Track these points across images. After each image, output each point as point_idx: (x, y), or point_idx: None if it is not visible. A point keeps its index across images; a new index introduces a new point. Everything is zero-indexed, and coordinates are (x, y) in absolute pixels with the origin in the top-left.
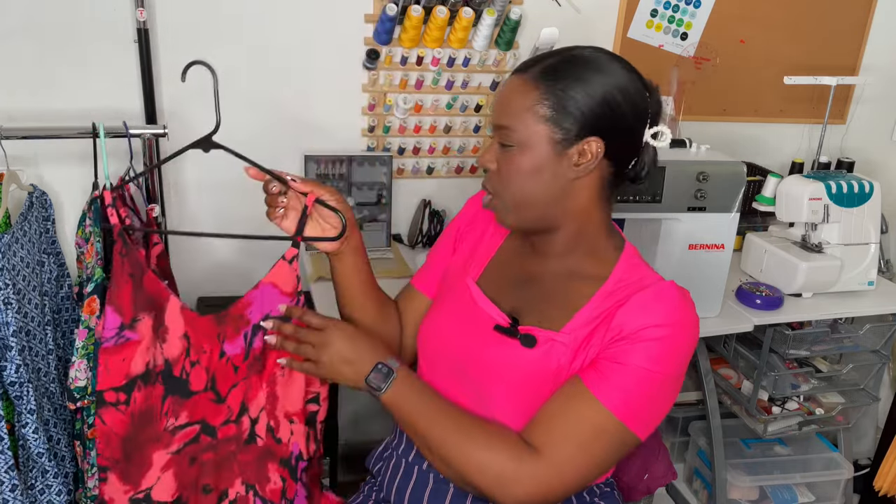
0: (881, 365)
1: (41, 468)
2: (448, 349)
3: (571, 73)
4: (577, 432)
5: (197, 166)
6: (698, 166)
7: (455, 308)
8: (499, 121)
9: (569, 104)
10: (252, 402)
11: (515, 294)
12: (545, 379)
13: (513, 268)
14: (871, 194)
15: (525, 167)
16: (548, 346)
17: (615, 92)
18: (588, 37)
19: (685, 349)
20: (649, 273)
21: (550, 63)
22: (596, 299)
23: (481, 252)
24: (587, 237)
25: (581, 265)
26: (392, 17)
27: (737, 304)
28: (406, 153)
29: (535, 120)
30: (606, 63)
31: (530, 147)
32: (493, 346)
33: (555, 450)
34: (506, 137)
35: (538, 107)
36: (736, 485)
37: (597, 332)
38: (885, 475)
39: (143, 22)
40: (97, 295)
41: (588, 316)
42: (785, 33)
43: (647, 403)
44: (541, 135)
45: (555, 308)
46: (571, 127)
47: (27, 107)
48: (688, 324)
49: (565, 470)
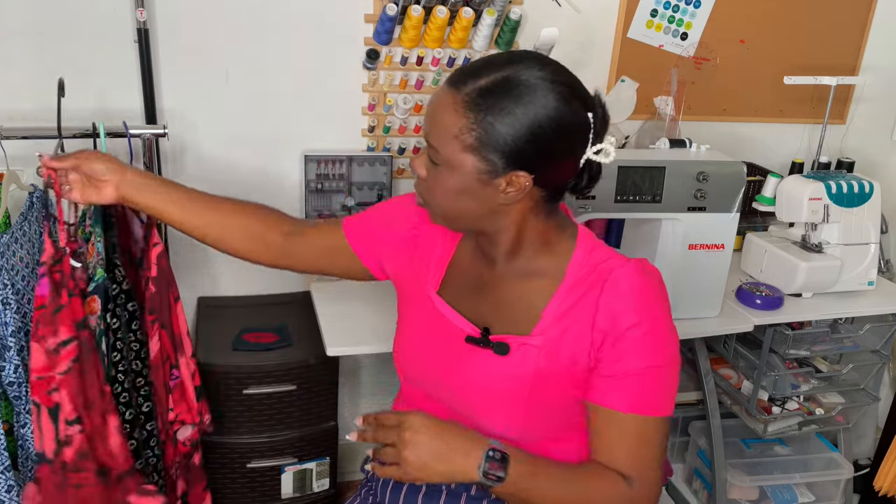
0: (881, 365)
1: None
2: (425, 367)
3: (501, 102)
4: (639, 449)
5: (197, 167)
6: (698, 166)
7: (423, 323)
8: (427, 136)
9: (495, 138)
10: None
11: (477, 301)
12: (524, 383)
13: (471, 274)
14: (871, 194)
15: (451, 187)
16: (521, 351)
17: (545, 125)
18: (588, 37)
19: (666, 317)
20: (606, 254)
21: (483, 85)
22: (559, 295)
23: (437, 257)
24: (531, 240)
25: (534, 263)
26: (392, 17)
27: (737, 304)
28: (406, 153)
29: (462, 148)
30: (542, 90)
31: (456, 171)
32: (468, 358)
33: (640, 470)
34: (434, 155)
35: (465, 136)
36: (736, 485)
37: (570, 329)
38: (885, 475)
39: (143, 22)
40: (98, 294)
41: (555, 312)
42: (785, 33)
43: (667, 388)
44: (466, 163)
45: (519, 311)
46: (497, 161)
47: (27, 107)
48: (659, 298)
49: (652, 480)
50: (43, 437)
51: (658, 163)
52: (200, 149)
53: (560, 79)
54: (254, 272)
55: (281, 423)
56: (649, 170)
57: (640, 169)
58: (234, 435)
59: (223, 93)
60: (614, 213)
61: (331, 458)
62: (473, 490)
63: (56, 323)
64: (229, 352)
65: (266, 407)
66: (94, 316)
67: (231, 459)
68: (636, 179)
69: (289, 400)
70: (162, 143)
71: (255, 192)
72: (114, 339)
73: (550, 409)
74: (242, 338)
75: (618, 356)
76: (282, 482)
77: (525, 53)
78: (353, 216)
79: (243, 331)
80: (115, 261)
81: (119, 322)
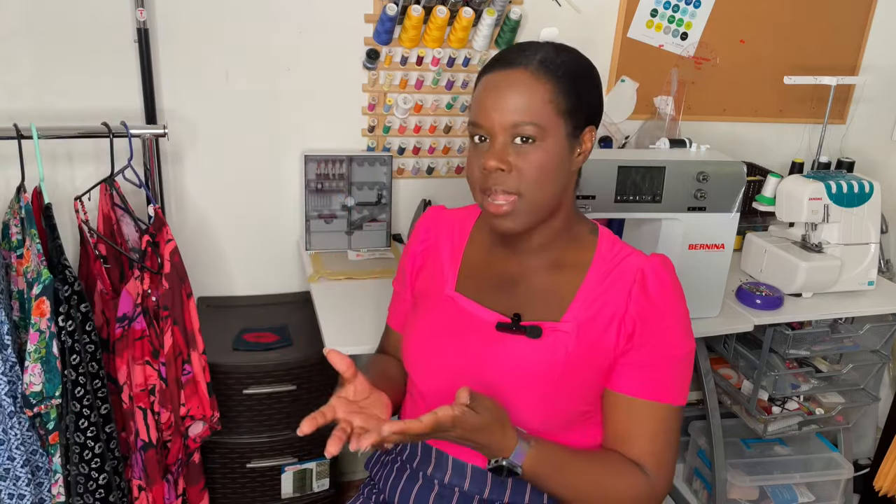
0: (881, 365)
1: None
2: (447, 363)
3: (565, 65)
4: (657, 437)
5: (197, 167)
6: (698, 166)
7: (443, 321)
8: (517, 118)
9: (581, 96)
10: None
11: (503, 295)
12: (555, 369)
13: (490, 272)
14: (871, 194)
15: (546, 162)
16: (553, 335)
17: (597, 78)
18: (588, 37)
19: (687, 309)
20: (628, 248)
21: (541, 58)
22: (587, 285)
23: (447, 263)
24: (567, 226)
25: (563, 255)
26: (392, 17)
27: (737, 304)
28: (406, 153)
29: (556, 113)
30: (580, 52)
31: (550, 138)
32: (499, 346)
33: (658, 460)
34: (526, 132)
35: (558, 99)
36: (736, 485)
37: (599, 318)
38: (885, 475)
39: (143, 22)
40: (46, 296)
41: (584, 301)
42: (785, 33)
43: (686, 378)
44: (560, 127)
45: (548, 301)
46: (580, 118)
47: (27, 107)
48: (681, 291)
49: (668, 470)
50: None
51: (658, 163)
52: (200, 149)
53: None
54: (253, 272)
55: (281, 423)
56: (649, 170)
57: (640, 169)
58: (234, 435)
59: (223, 93)
60: (614, 213)
61: (331, 458)
62: (486, 493)
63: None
64: (229, 352)
65: (266, 407)
66: (45, 318)
67: (231, 459)
68: (636, 179)
69: (289, 400)
70: (162, 143)
71: (255, 192)
72: (71, 341)
73: (573, 398)
74: (242, 338)
75: (645, 346)
76: (282, 482)
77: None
78: (392, 309)
79: (243, 331)
80: (64, 262)
81: (74, 324)
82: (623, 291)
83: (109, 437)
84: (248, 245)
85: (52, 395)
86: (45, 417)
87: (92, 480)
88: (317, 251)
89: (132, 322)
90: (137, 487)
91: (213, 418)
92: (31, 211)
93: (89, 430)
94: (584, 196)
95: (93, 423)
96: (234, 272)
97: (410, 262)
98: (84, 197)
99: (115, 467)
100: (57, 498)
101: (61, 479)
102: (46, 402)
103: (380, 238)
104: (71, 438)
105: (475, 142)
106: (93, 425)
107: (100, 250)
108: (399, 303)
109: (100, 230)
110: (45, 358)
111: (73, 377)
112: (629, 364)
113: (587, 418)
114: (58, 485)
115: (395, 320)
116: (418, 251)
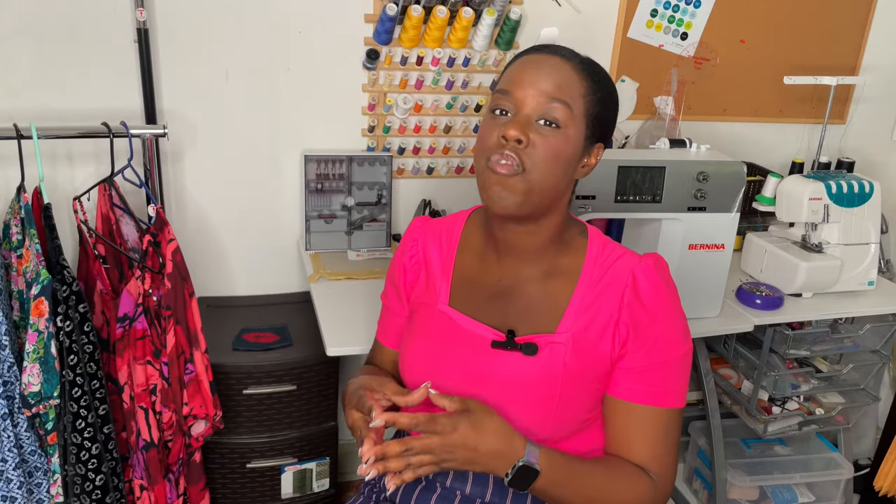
0: (881, 365)
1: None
2: (445, 381)
3: (603, 78)
4: (659, 441)
5: (197, 167)
6: (698, 166)
7: (438, 338)
8: (554, 92)
9: (607, 111)
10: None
11: (497, 308)
12: (555, 382)
13: (483, 282)
14: (871, 194)
15: (561, 151)
16: (548, 349)
17: (617, 104)
18: (588, 37)
19: (682, 310)
20: (619, 249)
21: (587, 60)
22: (579, 291)
23: (439, 275)
24: (559, 232)
25: (555, 262)
26: (392, 17)
27: (737, 304)
28: (406, 153)
29: (584, 109)
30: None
31: (573, 132)
32: (496, 364)
33: (660, 464)
34: (556, 113)
35: (590, 99)
36: (736, 485)
37: (594, 325)
38: (885, 475)
39: (143, 22)
40: (45, 297)
41: (578, 309)
42: (785, 33)
43: (684, 380)
44: (581, 126)
45: (542, 311)
46: (597, 130)
47: (27, 107)
48: (675, 291)
49: (671, 473)
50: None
51: (658, 163)
52: (200, 149)
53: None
54: (253, 272)
55: (281, 423)
56: (649, 170)
57: (640, 169)
58: (234, 435)
59: (223, 93)
60: (614, 213)
61: (331, 458)
62: (488, 496)
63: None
64: (229, 352)
65: (266, 407)
66: (43, 318)
67: (231, 459)
68: (636, 179)
69: (289, 400)
70: (162, 143)
71: (255, 192)
72: (69, 341)
73: (575, 408)
74: (242, 338)
75: (641, 350)
76: (282, 482)
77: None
78: (381, 325)
79: (243, 331)
80: (62, 262)
81: (72, 324)
82: (615, 297)
83: (107, 437)
84: (248, 245)
85: (51, 396)
86: (44, 418)
87: (89, 481)
88: (317, 251)
89: (133, 322)
90: (139, 487)
91: (215, 417)
92: (30, 211)
93: (86, 431)
94: (584, 196)
95: (90, 423)
96: (234, 272)
97: (401, 275)
98: (83, 197)
99: (113, 468)
100: (56, 498)
101: (60, 480)
102: (45, 402)
103: (380, 238)
104: (68, 439)
105: (495, 114)
106: (90, 426)
107: (99, 250)
108: (389, 317)
109: (98, 230)
110: (44, 358)
111: (70, 377)
112: (626, 369)
113: (589, 424)
114: (56, 485)
115: (384, 336)
116: (408, 264)
